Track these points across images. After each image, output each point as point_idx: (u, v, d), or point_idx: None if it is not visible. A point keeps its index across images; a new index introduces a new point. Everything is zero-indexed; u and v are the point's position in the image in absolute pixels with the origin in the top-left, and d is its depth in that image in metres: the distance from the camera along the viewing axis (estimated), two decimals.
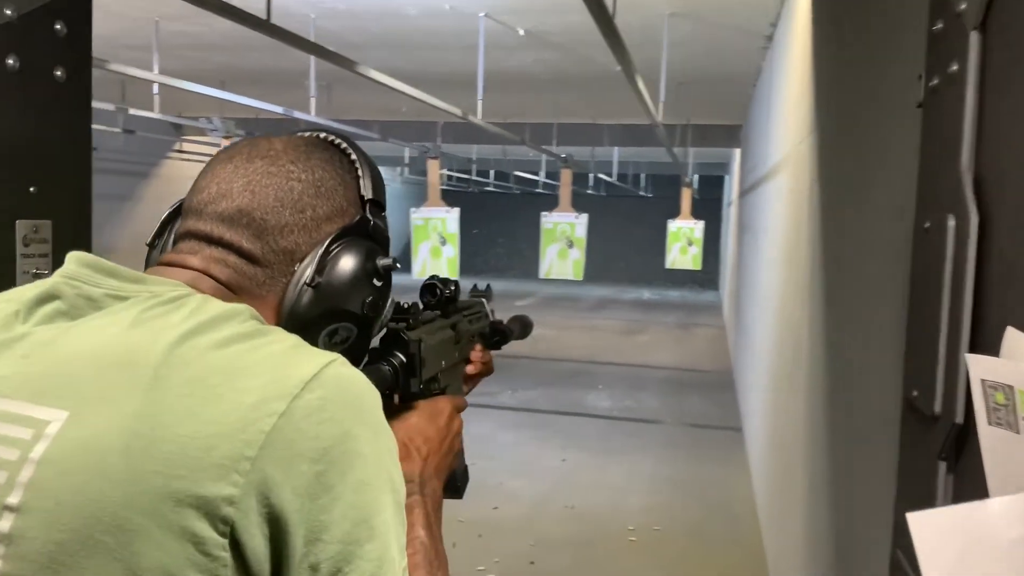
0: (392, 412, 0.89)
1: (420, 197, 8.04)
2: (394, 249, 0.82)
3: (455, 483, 1.01)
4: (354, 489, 0.62)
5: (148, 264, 0.79)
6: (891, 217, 1.53)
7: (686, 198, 10.93)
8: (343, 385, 0.64)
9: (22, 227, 1.07)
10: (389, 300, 0.83)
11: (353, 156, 0.81)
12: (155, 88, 5.57)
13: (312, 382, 0.63)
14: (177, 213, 0.80)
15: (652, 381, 8.70)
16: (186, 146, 11.02)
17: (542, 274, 8.46)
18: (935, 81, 0.92)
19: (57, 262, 0.80)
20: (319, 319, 0.75)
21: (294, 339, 0.68)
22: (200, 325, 0.65)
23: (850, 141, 2.09)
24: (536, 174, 15.08)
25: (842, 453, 2.07)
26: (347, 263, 0.76)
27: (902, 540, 0.98)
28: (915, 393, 0.92)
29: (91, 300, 0.68)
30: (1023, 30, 0.74)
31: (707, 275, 17.83)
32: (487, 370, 1.09)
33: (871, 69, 1.76)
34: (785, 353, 3.64)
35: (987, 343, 0.77)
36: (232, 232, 0.73)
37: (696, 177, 16.44)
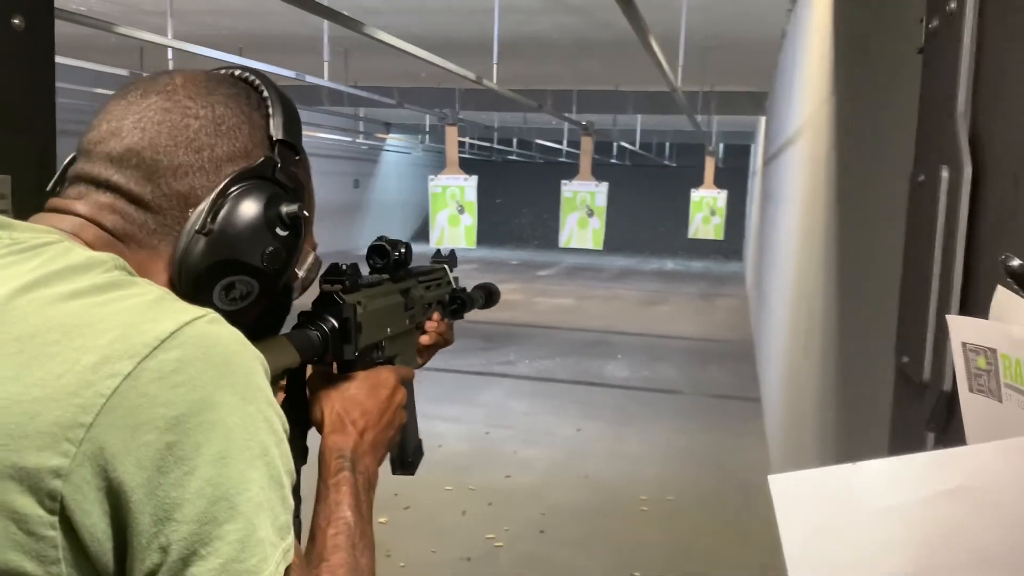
0: (329, 382, 0.84)
1: (441, 166, 7.99)
2: (415, 219, 0.74)
3: (406, 458, 0.97)
4: (213, 463, 0.54)
5: None
6: (902, 179, 1.46)
7: (709, 167, 10.76)
8: (208, 344, 0.57)
9: None
10: (311, 256, 0.76)
11: (265, 93, 0.73)
12: (169, 54, 5.54)
13: (170, 340, 0.55)
14: None
15: (671, 351, 8.64)
16: None
17: (562, 243, 8.39)
18: (935, 23, 0.85)
19: (18, 218, 0.75)
20: (212, 271, 0.67)
21: (159, 292, 0.61)
22: (48, 275, 0.58)
23: (863, 101, 2.00)
24: (559, 142, 14.94)
25: (851, 424, 2.02)
26: (244, 208, 0.68)
27: None
28: (905, 359, 0.86)
29: None
30: None
31: (732, 245, 17.65)
32: (443, 340, 1.03)
33: (882, 21, 1.68)
34: (800, 323, 3.58)
35: (979, 304, 0.71)
36: (120, 174, 0.66)
37: (721, 146, 16.21)
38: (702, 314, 11.44)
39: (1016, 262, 0.43)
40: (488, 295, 1.14)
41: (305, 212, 0.71)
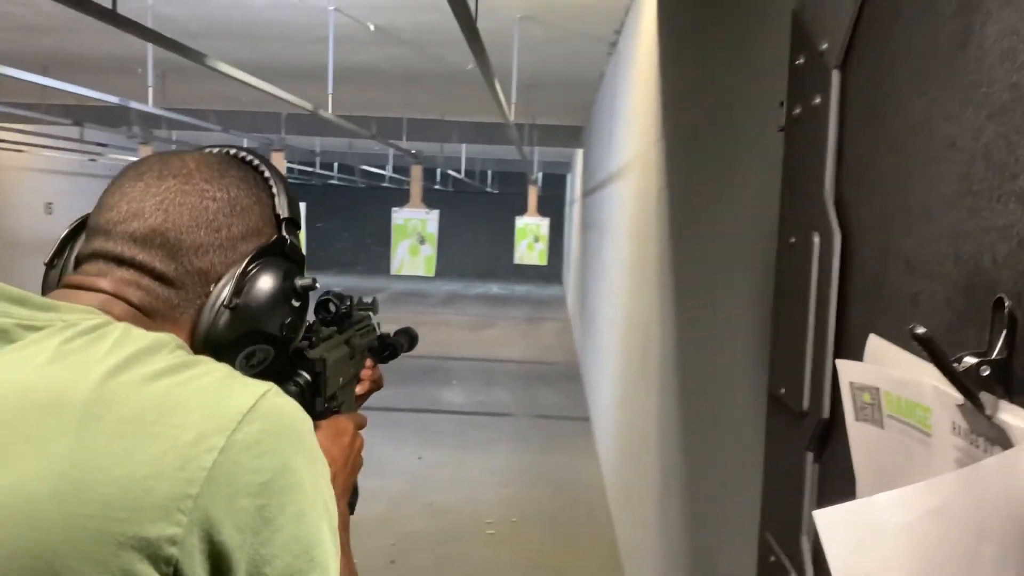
0: None
1: None
2: None
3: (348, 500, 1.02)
4: (294, 521, 0.62)
5: (46, 285, 0.76)
6: (744, 225, 1.66)
7: (532, 196, 11.21)
8: (279, 415, 0.65)
9: None
10: (305, 321, 0.83)
11: (267, 174, 0.80)
12: None
13: (249, 414, 0.62)
14: (77, 232, 0.76)
15: (503, 375, 8.86)
16: (2, 134, 10.09)
17: (393, 270, 8.43)
18: (798, 110, 1.02)
19: None
20: (237, 341, 0.74)
21: (224, 369, 0.67)
22: (128, 359, 0.63)
23: (703, 153, 2.23)
24: (383, 168, 14.94)
25: (695, 443, 2.22)
26: (266, 283, 0.75)
27: (772, 524, 1.08)
28: (782, 391, 1.02)
29: (2, 332, 0.64)
30: (878, 70, 0.84)
31: (552, 270, 18.31)
32: (377, 386, 1.09)
33: (727, 88, 1.90)
34: (634, 347, 3.82)
35: (850, 347, 0.87)
36: (145, 253, 0.71)
37: (540, 175, 16.85)
38: (529, 337, 11.80)
39: (921, 330, 0.56)
40: (411, 339, 1.20)
41: (316, 283, 0.79)
